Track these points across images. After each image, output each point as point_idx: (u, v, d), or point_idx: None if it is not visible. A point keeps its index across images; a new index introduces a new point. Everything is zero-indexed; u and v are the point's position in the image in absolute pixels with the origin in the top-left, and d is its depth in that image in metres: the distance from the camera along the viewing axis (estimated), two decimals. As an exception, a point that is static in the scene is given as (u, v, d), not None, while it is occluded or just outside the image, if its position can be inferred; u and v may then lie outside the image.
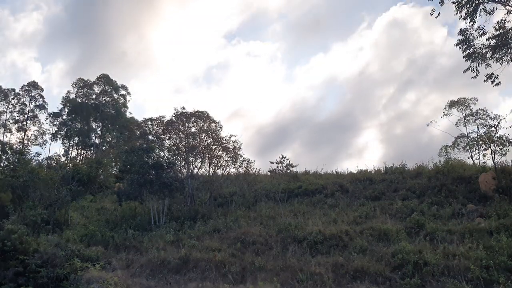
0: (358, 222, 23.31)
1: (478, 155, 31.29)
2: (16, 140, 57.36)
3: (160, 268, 19.26)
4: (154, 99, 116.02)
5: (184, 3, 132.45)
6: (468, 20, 21.90)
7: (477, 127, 34.48)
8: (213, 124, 33.44)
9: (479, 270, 15.58)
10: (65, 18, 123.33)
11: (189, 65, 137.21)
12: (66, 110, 61.25)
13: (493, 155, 27.71)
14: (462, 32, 22.90)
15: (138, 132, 51.20)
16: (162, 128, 33.75)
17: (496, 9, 21.49)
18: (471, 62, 22.66)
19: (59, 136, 60.48)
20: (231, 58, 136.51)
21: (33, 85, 59.72)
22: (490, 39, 21.88)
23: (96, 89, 62.58)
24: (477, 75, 22.45)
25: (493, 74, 22.33)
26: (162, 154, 33.00)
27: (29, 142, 58.16)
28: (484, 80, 22.60)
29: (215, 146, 32.94)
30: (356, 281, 16.71)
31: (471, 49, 22.69)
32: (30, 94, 59.16)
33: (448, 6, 22.38)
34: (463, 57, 22.97)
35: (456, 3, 22.05)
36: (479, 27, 22.13)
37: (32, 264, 18.18)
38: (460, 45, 23.01)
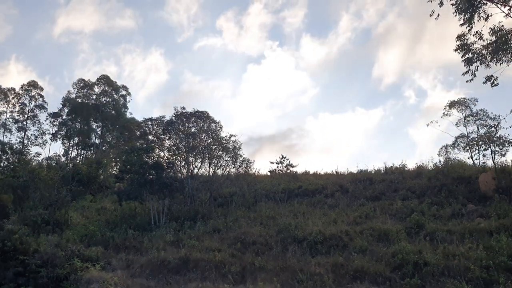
0: (358, 222, 23.32)
1: (478, 155, 31.44)
2: (16, 140, 57.44)
3: (160, 268, 19.22)
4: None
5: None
6: (466, 25, 21.95)
7: (477, 127, 34.54)
8: (213, 124, 33.46)
9: (479, 270, 15.56)
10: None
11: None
12: (66, 110, 61.28)
13: (493, 155, 27.83)
14: (460, 37, 23.02)
15: (138, 132, 51.18)
16: (162, 128, 33.76)
17: (491, 15, 21.56)
18: (470, 66, 22.74)
19: (59, 136, 60.57)
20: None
21: (33, 84, 59.74)
22: (488, 46, 21.98)
23: (97, 89, 62.73)
24: (472, 79, 22.57)
25: (492, 76, 22.41)
26: (162, 154, 33.04)
27: (29, 142, 58.21)
28: (483, 82, 22.66)
29: (215, 146, 32.98)
30: (356, 281, 16.68)
31: (470, 54, 22.76)
32: (30, 94, 59.20)
33: (448, 7, 22.38)
34: (462, 61, 23.09)
35: (455, 5, 22.05)
36: (477, 32, 22.22)
37: (32, 264, 18.20)
38: (458, 50, 23.14)
